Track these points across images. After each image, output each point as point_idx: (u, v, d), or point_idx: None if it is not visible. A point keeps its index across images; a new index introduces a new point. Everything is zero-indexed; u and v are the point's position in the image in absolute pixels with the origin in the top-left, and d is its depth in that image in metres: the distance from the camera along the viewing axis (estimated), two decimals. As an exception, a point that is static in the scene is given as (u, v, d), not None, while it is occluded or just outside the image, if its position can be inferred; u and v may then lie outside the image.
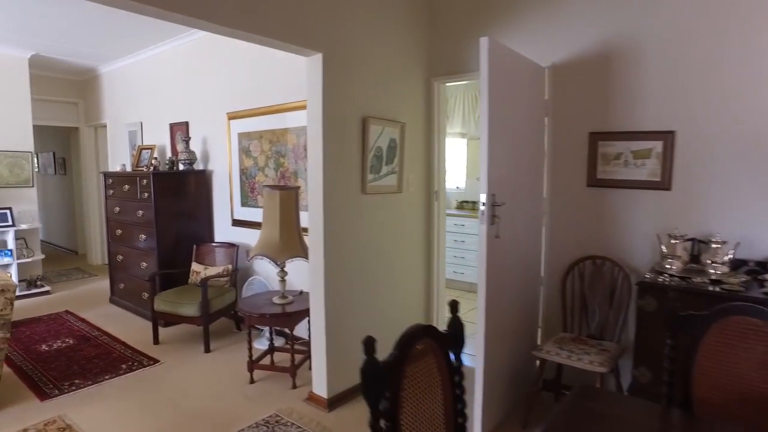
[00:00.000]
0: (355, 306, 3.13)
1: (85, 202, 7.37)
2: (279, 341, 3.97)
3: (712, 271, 2.31)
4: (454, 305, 1.45)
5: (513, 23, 3.17)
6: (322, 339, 2.95)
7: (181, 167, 4.79)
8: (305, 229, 3.25)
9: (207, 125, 4.83)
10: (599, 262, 2.89)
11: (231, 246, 4.46)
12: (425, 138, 3.68)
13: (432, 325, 1.39)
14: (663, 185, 2.70)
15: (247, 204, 4.48)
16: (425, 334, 1.34)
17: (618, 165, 2.84)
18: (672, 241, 2.49)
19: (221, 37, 3.90)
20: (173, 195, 4.60)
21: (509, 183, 2.63)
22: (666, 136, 2.66)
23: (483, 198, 2.42)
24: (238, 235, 4.60)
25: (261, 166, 4.29)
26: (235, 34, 2.45)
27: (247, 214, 4.49)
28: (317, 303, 2.96)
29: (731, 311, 1.56)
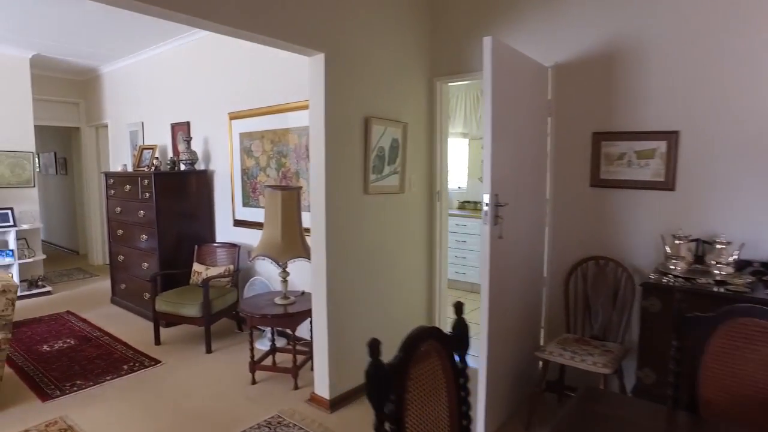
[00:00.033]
0: (358, 306, 3.12)
1: (87, 202, 7.37)
2: (281, 342, 3.96)
3: (716, 272, 2.30)
4: (458, 307, 1.44)
5: (515, 23, 3.16)
6: (324, 340, 2.94)
7: (183, 167, 4.79)
8: (307, 230, 3.24)
9: (208, 125, 4.83)
10: (602, 262, 2.88)
11: (232, 246, 4.45)
12: (427, 138, 3.67)
13: (437, 327, 1.38)
14: (667, 185, 2.68)
15: (249, 204, 4.47)
16: (430, 335, 1.33)
17: (621, 165, 2.83)
18: (676, 242, 2.47)
19: (223, 37, 3.93)
20: (174, 195, 4.59)
21: (512, 183, 2.62)
22: (670, 136, 2.65)
23: (486, 198, 2.41)
24: (239, 236, 4.59)
25: (263, 166, 4.28)
26: (238, 33, 2.44)
27: (249, 214, 4.48)
28: (319, 303, 2.95)
29: (738, 313, 1.55)
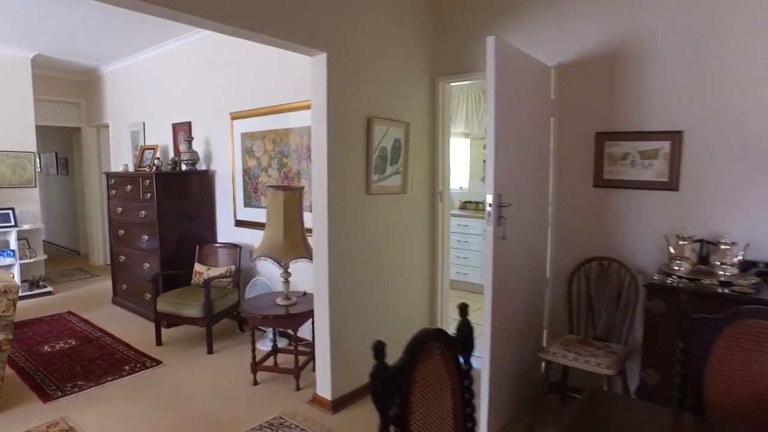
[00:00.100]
0: (360, 307, 3.11)
1: (88, 202, 7.37)
2: (282, 342, 3.95)
3: (721, 273, 2.29)
4: (463, 308, 1.43)
5: (518, 22, 3.15)
6: (326, 340, 2.93)
7: (184, 167, 4.77)
8: (309, 230, 3.23)
9: (210, 125, 4.82)
10: (605, 263, 2.86)
11: (234, 247, 4.44)
12: (429, 138, 3.65)
13: (442, 329, 1.37)
14: (671, 186, 2.67)
15: (250, 204, 4.46)
16: (435, 337, 1.31)
17: (625, 165, 2.82)
18: (680, 242, 2.46)
19: (224, 37, 3.92)
20: (176, 195, 4.59)
21: (515, 183, 2.61)
22: (674, 136, 2.64)
23: (489, 199, 2.40)
24: (241, 236, 4.58)
25: (264, 166, 4.27)
26: (240, 33, 2.44)
27: (250, 214, 4.47)
28: (321, 304, 2.94)
29: (745, 314, 1.53)
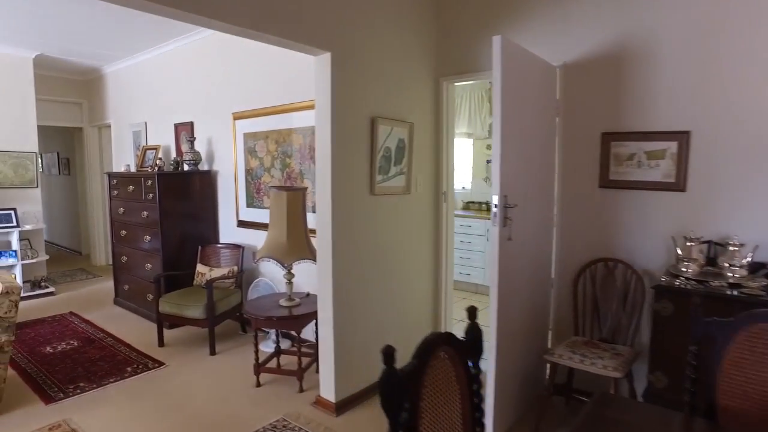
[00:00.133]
0: (363, 308, 3.09)
1: (90, 202, 7.36)
2: (285, 344, 3.94)
3: (730, 275, 2.26)
4: (472, 311, 1.41)
5: (523, 22, 3.12)
6: (329, 342, 2.91)
7: (186, 168, 4.76)
8: (312, 231, 3.21)
9: (212, 125, 4.80)
10: (611, 264, 2.84)
11: (236, 247, 4.42)
12: (433, 138, 3.63)
13: (451, 333, 1.35)
14: (678, 186, 2.65)
15: (253, 205, 4.45)
16: (444, 341, 1.29)
17: (631, 166, 2.80)
18: (687, 244, 2.43)
19: (227, 37, 3.90)
20: (178, 196, 4.57)
21: (521, 184, 2.59)
22: (681, 136, 2.61)
23: (495, 199, 2.38)
24: (243, 237, 4.57)
25: (267, 166, 4.25)
26: (244, 33, 2.42)
27: (253, 215, 4.45)
28: (325, 305, 2.92)
29: (758, 318, 1.51)
